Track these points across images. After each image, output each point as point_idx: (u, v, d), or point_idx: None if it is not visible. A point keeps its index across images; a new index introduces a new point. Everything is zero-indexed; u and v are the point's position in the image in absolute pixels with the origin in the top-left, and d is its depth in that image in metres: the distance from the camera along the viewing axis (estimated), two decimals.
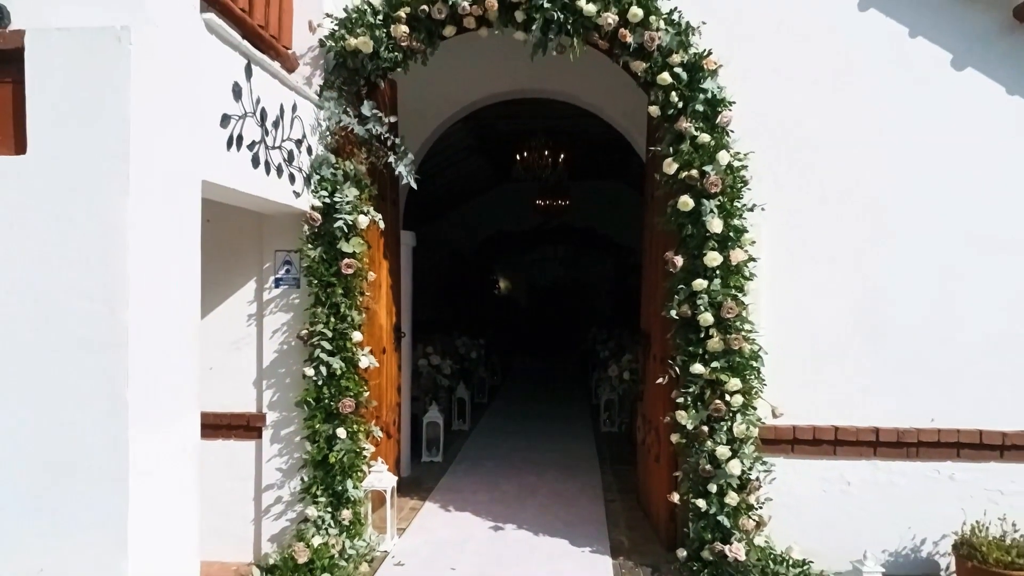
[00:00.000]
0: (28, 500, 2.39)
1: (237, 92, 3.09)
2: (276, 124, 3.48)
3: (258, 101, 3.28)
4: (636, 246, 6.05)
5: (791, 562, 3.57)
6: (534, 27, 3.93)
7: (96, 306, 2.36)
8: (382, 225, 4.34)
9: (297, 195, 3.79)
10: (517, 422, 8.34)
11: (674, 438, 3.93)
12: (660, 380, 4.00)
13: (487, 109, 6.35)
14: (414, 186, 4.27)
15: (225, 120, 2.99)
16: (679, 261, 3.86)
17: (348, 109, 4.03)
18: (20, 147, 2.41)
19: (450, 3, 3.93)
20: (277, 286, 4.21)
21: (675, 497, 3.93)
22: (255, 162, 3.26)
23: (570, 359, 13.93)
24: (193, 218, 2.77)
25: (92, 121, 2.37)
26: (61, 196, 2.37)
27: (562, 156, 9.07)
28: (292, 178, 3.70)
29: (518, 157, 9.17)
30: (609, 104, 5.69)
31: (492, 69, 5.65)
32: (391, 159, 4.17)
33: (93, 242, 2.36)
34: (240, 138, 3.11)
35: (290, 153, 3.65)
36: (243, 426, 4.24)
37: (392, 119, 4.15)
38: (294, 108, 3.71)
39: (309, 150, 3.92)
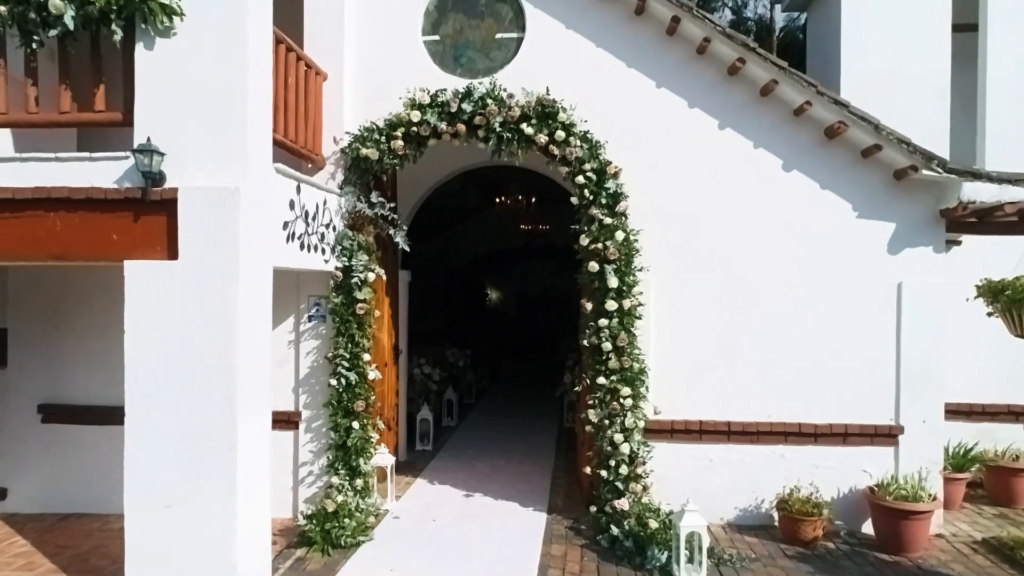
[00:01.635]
0: (179, 460, 4.12)
1: (292, 204, 4.81)
2: (314, 218, 5.20)
3: (303, 206, 5.00)
4: None
5: (660, 512, 5.27)
6: (491, 141, 5.65)
7: (219, 347, 4.08)
8: (385, 276, 6.06)
9: (326, 261, 5.51)
10: (497, 419, 10.07)
11: (588, 428, 5.64)
12: (577, 388, 5.72)
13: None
14: (407, 250, 6.00)
15: (285, 225, 4.72)
16: (589, 306, 5.58)
17: (361, 197, 5.76)
18: (173, 255, 4.13)
19: (432, 125, 5.66)
20: (310, 321, 5.92)
21: (587, 469, 5.64)
22: (301, 247, 4.99)
23: (552, 363, 15.61)
24: (267, 291, 4.48)
25: (217, 240, 4.09)
26: (199, 284, 4.09)
27: (533, 199, 10.78)
28: (323, 251, 5.42)
29: (498, 200, 10.88)
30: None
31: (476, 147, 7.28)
32: (391, 231, 5.90)
33: (217, 311, 4.08)
34: (293, 234, 4.84)
35: (322, 235, 5.37)
36: (285, 420, 5.94)
37: (392, 205, 5.87)
38: (324, 203, 5.43)
39: (334, 228, 5.64)
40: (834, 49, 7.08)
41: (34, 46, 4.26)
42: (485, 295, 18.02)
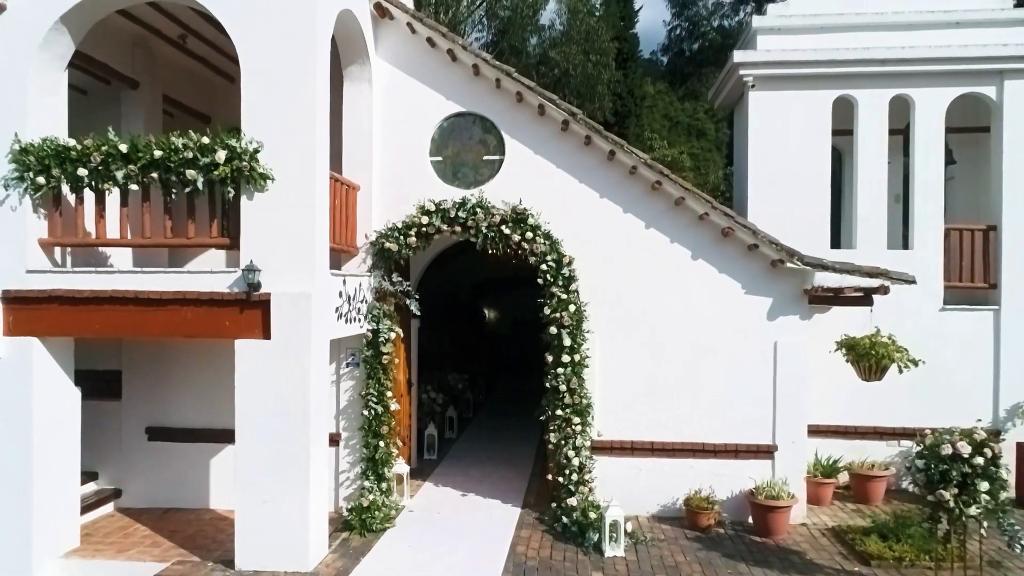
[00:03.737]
0: (271, 471, 6.27)
1: (340, 294, 6.97)
2: (353, 298, 7.35)
3: (347, 292, 7.16)
4: None
5: (599, 507, 7.37)
6: (479, 238, 7.80)
7: (298, 397, 6.24)
8: (402, 332, 8.21)
9: (361, 327, 7.67)
10: (489, 432, 12.23)
11: (550, 446, 7.78)
12: (542, 416, 7.88)
13: None
14: (418, 314, 8.15)
15: (336, 309, 6.88)
16: (549, 358, 7.72)
17: (384, 277, 7.91)
18: (267, 336, 6.29)
19: (437, 226, 7.81)
20: (347, 367, 8.06)
21: (550, 476, 7.79)
22: (346, 321, 7.15)
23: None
24: (327, 356, 6.63)
25: (297, 327, 6.25)
26: (285, 356, 6.25)
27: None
28: (359, 321, 7.58)
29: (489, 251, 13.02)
30: None
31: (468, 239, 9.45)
32: (407, 301, 8.05)
33: (297, 373, 6.24)
34: (341, 314, 7.00)
35: (359, 309, 7.53)
36: (329, 440, 8.05)
37: (408, 283, 8.02)
38: (360, 285, 7.58)
39: (365, 301, 7.79)
40: (747, 147, 9.22)
41: (172, 196, 6.42)
42: (483, 317, 20.17)
